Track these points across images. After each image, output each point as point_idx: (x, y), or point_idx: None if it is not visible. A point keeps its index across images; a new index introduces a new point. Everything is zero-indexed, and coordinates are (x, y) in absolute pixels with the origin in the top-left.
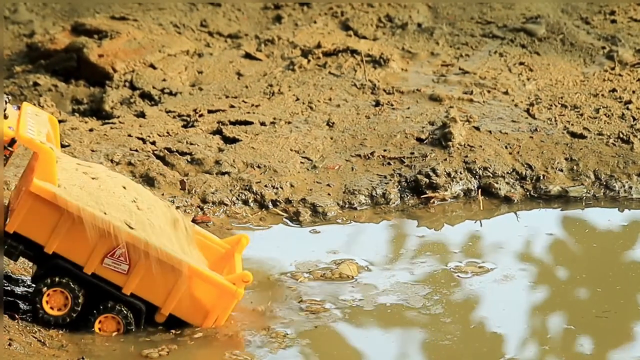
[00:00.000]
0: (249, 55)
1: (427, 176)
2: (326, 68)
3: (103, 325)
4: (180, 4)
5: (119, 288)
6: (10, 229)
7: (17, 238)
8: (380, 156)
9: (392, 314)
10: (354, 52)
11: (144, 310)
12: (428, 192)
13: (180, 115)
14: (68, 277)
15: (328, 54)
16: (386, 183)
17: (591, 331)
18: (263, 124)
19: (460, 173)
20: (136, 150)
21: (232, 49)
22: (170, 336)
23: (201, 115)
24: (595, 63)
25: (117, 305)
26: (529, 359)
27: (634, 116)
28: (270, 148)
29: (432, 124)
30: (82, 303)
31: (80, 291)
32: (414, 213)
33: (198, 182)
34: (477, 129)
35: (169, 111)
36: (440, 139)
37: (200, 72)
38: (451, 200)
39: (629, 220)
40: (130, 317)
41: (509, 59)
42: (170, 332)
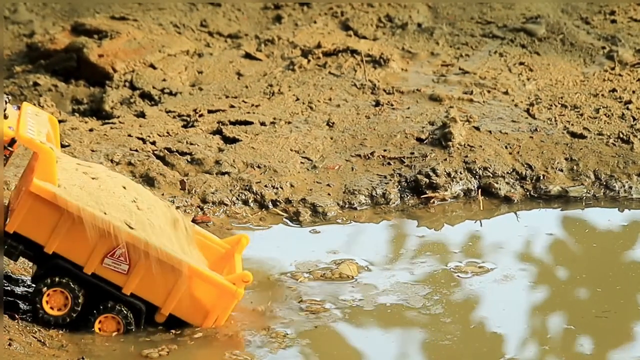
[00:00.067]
0: (249, 55)
1: (427, 176)
2: (326, 68)
3: (103, 325)
4: (180, 4)
5: (119, 288)
6: (10, 229)
7: (17, 238)
8: (380, 156)
9: (392, 314)
10: (354, 52)
11: (144, 310)
12: (428, 192)
13: (180, 115)
14: (68, 277)
15: (328, 54)
16: (386, 183)
17: (591, 331)
18: (263, 124)
19: (460, 173)
20: (136, 150)
21: (232, 49)
22: (170, 336)
23: (201, 115)
24: (595, 63)
25: (117, 305)
26: (529, 359)
27: (634, 116)
28: (270, 148)
29: (432, 124)
30: (82, 303)
31: (80, 291)
32: (414, 213)
33: (198, 182)
34: (477, 129)
35: (169, 111)
36: (440, 139)
37: (200, 72)
38: (451, 200)
39: (629, 220)
40: (130, 317)
41: (509, 59)
42: (170, 332)
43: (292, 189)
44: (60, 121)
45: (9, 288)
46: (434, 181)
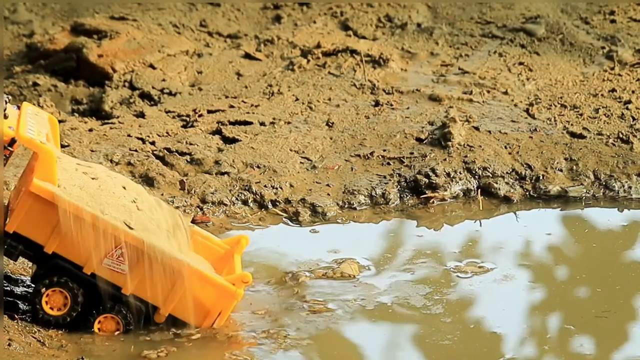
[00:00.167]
0: (248, 55)
1: (427, 176)
2: (326, 68)
3: (102, 325)
4: (179, 4)
5: (118, 288)
6: (10, 228)
7: (17, 238)
8: (380, 156)
9: (393, 314)
10: (353, 52)
11: (143, 310)
12: (428, 192)
13: (180, 116)
14: (67, 277)
15: (327, 54)
16: (386, 183)
17: (591, 331)
18: (262, 124)
19: (460, 173)
20: (136, 150)
21: (232, 49)
22: (170, 336)
23: (201, 116)
24: (595, 63)
25: (117, 305)
26: (529, 359)
27: (634, 116)
28: (270, 148)
29: (432, 124)
30: (82, 303)
31: (80, 291)
32: (413, 213)
33: (197, 182)
34: (477, 129)
35: (168, 111)
36: (440, 139)
37: (199, 72)
38: (451, 200)
39: (629, 220)
40: (130, 317)
41: (508, 59)
42: (169, 333)
43: (292, 189)
44: (59, 121)
45: (8, 288)
46: (434, 181)
